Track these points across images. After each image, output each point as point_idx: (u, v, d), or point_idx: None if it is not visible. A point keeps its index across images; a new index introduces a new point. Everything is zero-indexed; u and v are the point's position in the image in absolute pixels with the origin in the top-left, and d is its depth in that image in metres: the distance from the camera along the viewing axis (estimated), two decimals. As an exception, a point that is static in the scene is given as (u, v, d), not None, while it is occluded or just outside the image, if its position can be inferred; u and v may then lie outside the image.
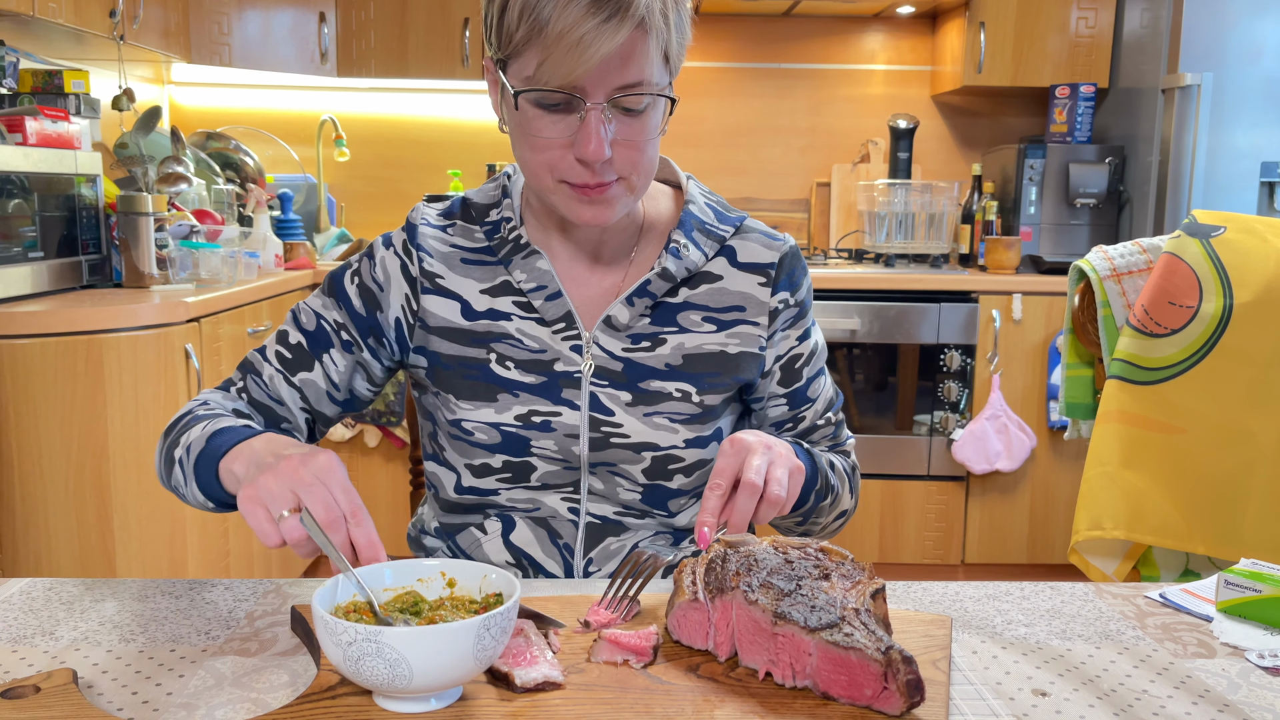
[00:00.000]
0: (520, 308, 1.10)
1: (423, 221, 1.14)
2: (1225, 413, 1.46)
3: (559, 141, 0.98)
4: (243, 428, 0.99)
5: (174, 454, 1.03)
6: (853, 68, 3.75)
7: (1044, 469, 3.20)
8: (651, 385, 1.09)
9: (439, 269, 1.12)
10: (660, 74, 0.98)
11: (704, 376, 1.11)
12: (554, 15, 0.91)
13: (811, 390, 1.18)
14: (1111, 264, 1.60)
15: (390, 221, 3.74)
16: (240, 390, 1.12)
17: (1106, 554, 1.58)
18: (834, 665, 0.74)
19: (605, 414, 1.09)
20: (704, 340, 1.11)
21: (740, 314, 1.13)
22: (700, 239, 1.12)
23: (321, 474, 0.84)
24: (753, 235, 1.15)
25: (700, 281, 1.12)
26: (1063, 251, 3.32)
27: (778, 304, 1.14)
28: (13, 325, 2.01)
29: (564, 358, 1.09)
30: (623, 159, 0.99)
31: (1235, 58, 2.94)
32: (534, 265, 1.09)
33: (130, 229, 2.45)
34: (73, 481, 2.06)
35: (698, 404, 1.10)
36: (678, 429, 1.09)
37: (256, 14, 3.21)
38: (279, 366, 1.11)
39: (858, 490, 1.22)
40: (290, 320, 1.14)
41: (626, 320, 1.10)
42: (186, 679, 0.80)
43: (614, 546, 1.12)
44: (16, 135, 2.25)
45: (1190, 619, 0.94)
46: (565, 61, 0.92)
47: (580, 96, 0.95)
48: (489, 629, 0.71)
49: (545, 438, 1.08)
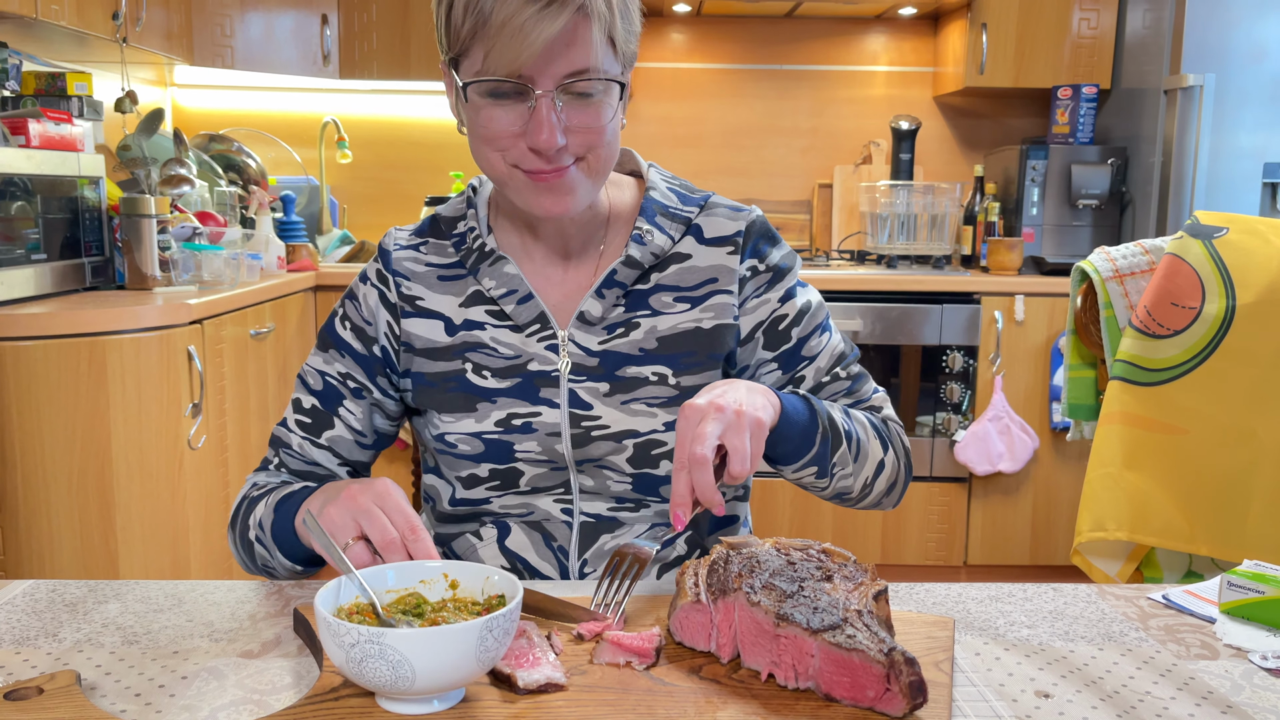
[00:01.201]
0: (493, 315, 1.11)
1: (395, 246, 1.15)
2: (1228, 414, 1.46)
3: (511, 131, 0.99)
4: (301, 488, 1.05)
5: (249, 537, 1.08)
6: (854, 69, 3.75)
7: (1046, 470, 3.19)
8: (628, 372, 1.09)
9: (418, 290, 1.13)
10: (609, 61, 0.99)
11: (680, 357, 1.10)
12: (495, 7, 0.93)
13: (807, 349, 1.14)
14: (1114, 265, 1.60)
15: (391, 224, 3.74)
16: (278, 465, 1.15)
17: (1109, 555, 1.58)
18: (837, 667, 0.74)
19: (584, 408, 1.09)
20: (678, 320, 1.11)
21: (713, 285, 1.12)
22: (664, 223, 1.12)
23: (378, 499, 0.88)
24: (718, 210, 1.15)
25: (669, 263, 1.12)
26: (1065, 253, 3.31)
27: (745, 271, 1.13)
28: (16, 327, 2.01)
29: (539, 358, 1.09)
30: (577, 145, 0.99)
31: (1238, 58, 2.94)
32: (501, 271, 1.10)
33: (133, 231, 2.45)
34: (75, 483, 2.07)
35: (674, 385, 1.09)
36: (656, 413, 1.09)
37: (259, 16, 3.21)
38: (303, 434, 1.14)
39: (897, 444, 1.13)
40: (299, 386, 1.16)
41: (600, 313, 1.10)
42: (189, 681, 0.80)
43: (609, 545, 1.11)
44: (20, 137, 2.25)
45: (1193, 620, 0.94)
46: (509, 49, 0.94)
47: (529, 85, 0.96)
48: (491, 630, 0.72)
49: (528, 440, 1.09)
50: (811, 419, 1.02)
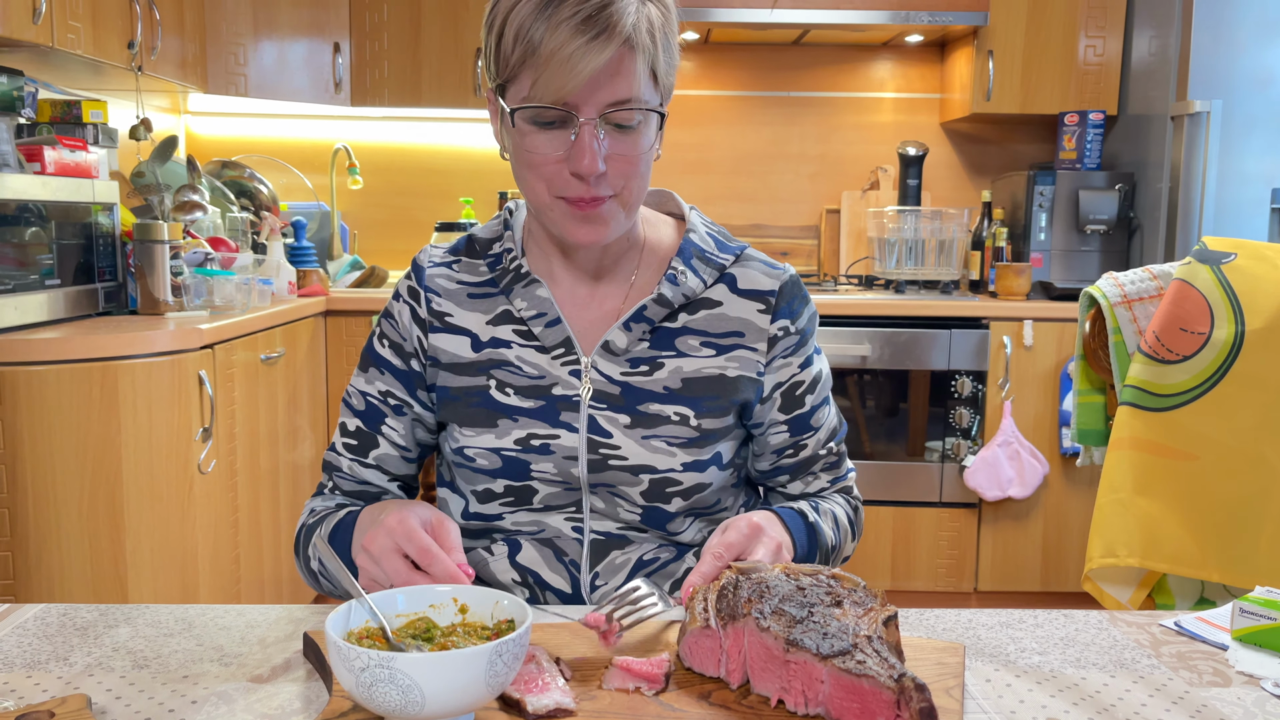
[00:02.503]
0: (520, 335, 1.13)
1: (429, 263, 1.18)
2: (1238, 439, 1.46)
3: (554, 158, 1.01)
4: (345, 516, 1.09)
5: (312, 569, 1.14)
6: (862, 95, 3.77)
7: (1056, 496, 3.18)
8: (650, 408, 1.11)
9: (448, 307, 1.15)
10: (649, 92, 1.02)
11: (703, 400, 1.12)
12: (545, 36, 0.96)
13: (815, 419, 1.19)
14: (1122, 290, 1.60)
15: (402, 249, 3.77)
16: (332, 489, 1.20)
17: (1121, 582, 1.57)
18: (846, 692, 0.74)
19: (603, 436, 1.10)
20: (702, 364, 1.12)
21: (739, 339, 1.14)
22: (699, 266, 1.14)
23: (392, 533, 0.91)
24: (753, 264, 1.17)
25: (699, 307, 1.14)
26: (1073, 278, 3.31)
27: (777, 331, 1.15)
28: (29, 352, 2.03)
29: (562, 382, 1.11)
30: (616, 174, 1.02)
31: (1244, 84, 2.95)
32: (534, 293, 1.12)
33: (146, 256, 2.47)
34: (86, 507, 2.07)
35: (695, 427, 1.11)
36: (675, 452, 1.10)
37: (272, 45, 3.25)
38: (352, 456, 1.17)
39: (860, 530, 1.23)
40: (344, 410, 1.19)
41: (624, 345, 1.11)
42: (199, 705, 0.80)
43: (619, 560, 1.13)
44: (35, 164, 2.27)
45: (1205, 647, 0.93)
46: (556, 78, 0.96)
47: (573, 113, 0.99)
48: (501, 655, 0.72)
49: (544, 460, 1.10)
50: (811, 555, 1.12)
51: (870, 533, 3.20)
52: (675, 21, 1.06)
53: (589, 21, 0.96)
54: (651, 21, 1.00)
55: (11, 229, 2.13)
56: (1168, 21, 3.08)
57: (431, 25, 3.39)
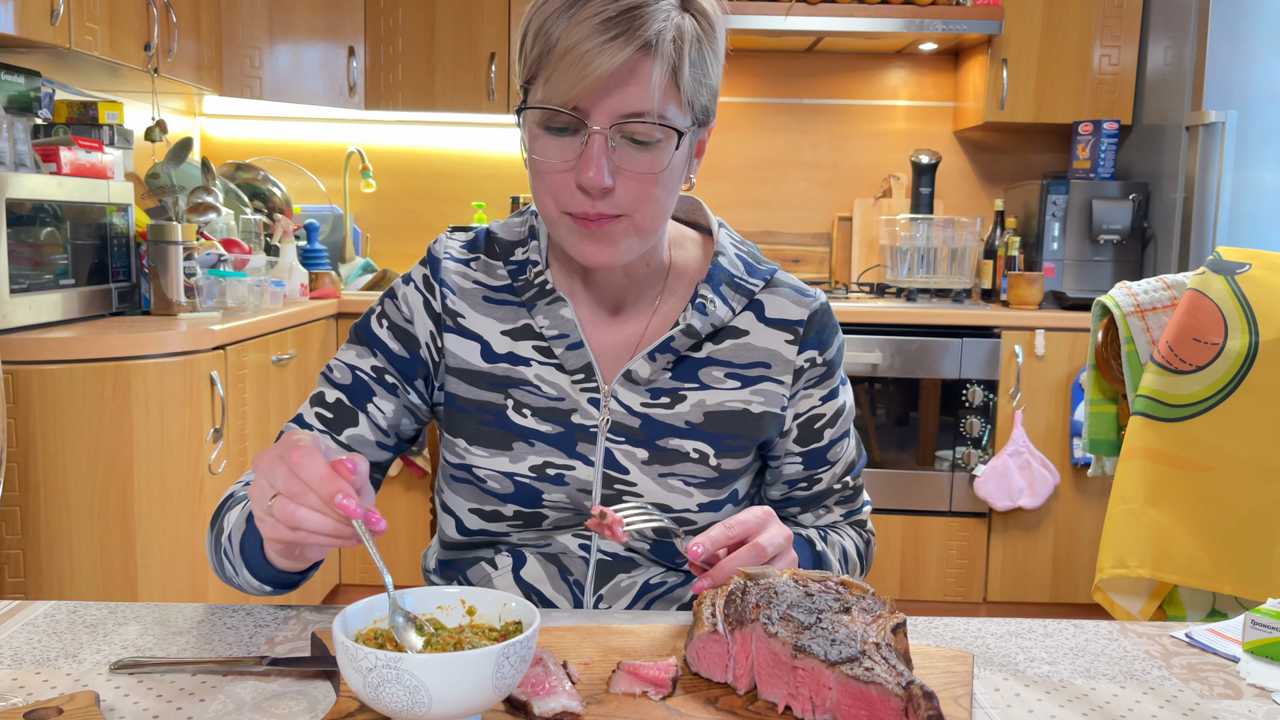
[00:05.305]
0: (540, 353, 1.08)
1: (445, 255, 1.12)
2: (1251, 450, 1.45)
3: (562, 166, 0.95)
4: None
5: (220, 541, 1.01)
6: (875, 103, 3.77)
7: (1067, 506, 3.17)
8: (669, 444, 1.07)
9: (461, 308, 1.09)
10: (671, 108, 0.95)
11: (723, 437, 1.08)
12: (563, 33, 0.91)
13: (832, 453, 1.15)
14: (1135, 300, 1.59)
15: (414, 252, 3.77)
16: None
17: (1131, 593, 1.56)
18: (854, 699, 0.74)
19: (620, 471, 1.07)
20: (726, 397, 1.08)
21: (765, 370, 1.09)
22: (728, 293, 1.09)
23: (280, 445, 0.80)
24: (783, 290, 1.12)
25: (725, 336, 1.09)
26: (1086, 287, 3.30)
27: (803, 362, 1.11)
28: (43, 351, 2.04)
29: (581, 409, 1.07)
30: (626, 193, 0.96)
31: (1260, 95, 2.94)
32: (558, 313, 1.07)
33: (160, 257, 2.49)
34: (97, 506, 2.08)
35: (714, 467, 1.08)
36: (692, 492, 1.07)
37: (287, 48, 3.27)
38: (322, 428, 1.08)
39: (869, 564, 1.18)
40: (323, 380, 1.10)
41: (647, 375, 1.07)
42: (207, 703, 0.80)
43: (625, 583, 1.10)
44: (51, 165, 2.29)
45: (1216, 659, 0.93)
46: (567, 78, 0.91)
47: (583, 119, 0.93)
48: (508, 657, 0.72)
49: (557, 490, 1.07)
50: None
51: (880, 542, 3.19)
52: (718, 41, 0.99)
53: (610, 22, 0.90)
54: (682, 31, 0.94)
55: (27, 229, 2.15)
56: (1183, 31, 3.07)
57: (445, 29, 3.40)
